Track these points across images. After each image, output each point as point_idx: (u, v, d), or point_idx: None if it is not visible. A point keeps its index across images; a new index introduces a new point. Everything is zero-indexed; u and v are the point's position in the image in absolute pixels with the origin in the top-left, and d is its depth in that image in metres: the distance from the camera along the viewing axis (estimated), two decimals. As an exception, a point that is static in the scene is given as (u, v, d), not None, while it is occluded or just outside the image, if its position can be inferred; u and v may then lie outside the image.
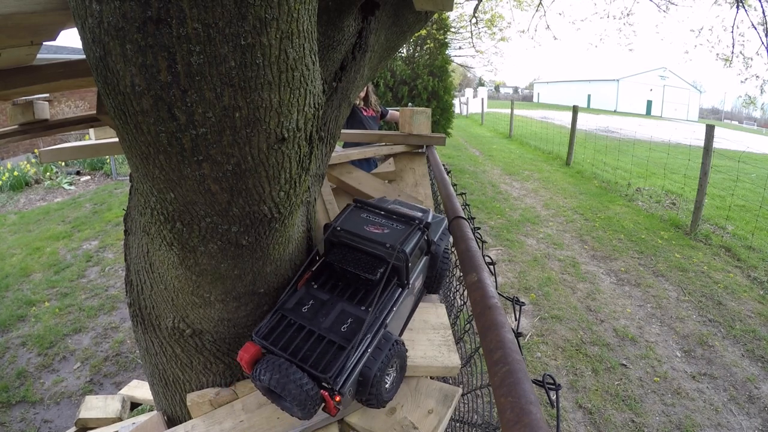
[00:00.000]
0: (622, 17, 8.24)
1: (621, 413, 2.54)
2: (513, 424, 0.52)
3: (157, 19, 0.50)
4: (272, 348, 0.80)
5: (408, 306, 0.99)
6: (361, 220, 1.00)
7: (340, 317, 0.86)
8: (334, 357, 0.78)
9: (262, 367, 0.77)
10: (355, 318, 0.85)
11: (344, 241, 0.95)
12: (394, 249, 0.90)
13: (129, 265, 1.05)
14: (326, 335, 0.81)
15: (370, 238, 0.93)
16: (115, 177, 7.97)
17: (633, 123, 20.86)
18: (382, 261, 0.91)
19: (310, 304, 0.88)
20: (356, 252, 0.94)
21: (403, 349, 0.88)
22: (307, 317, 0.85)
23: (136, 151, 0.63)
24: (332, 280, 0.94)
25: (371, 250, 0.92)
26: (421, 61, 8.99)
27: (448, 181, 1.72)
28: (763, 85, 6.92)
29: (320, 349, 0.80)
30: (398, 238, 0.93)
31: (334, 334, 0.82)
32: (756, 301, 3.86)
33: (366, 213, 1.03)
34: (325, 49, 1.05)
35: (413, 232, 0.95)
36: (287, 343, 0.81)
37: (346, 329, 0.83)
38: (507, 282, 4.11)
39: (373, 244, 0.92)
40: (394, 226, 0.98)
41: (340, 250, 0.95)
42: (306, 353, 0.79)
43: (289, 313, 0.86)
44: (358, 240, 0.94)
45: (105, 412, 1.79)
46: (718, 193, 7.34)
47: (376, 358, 0.81)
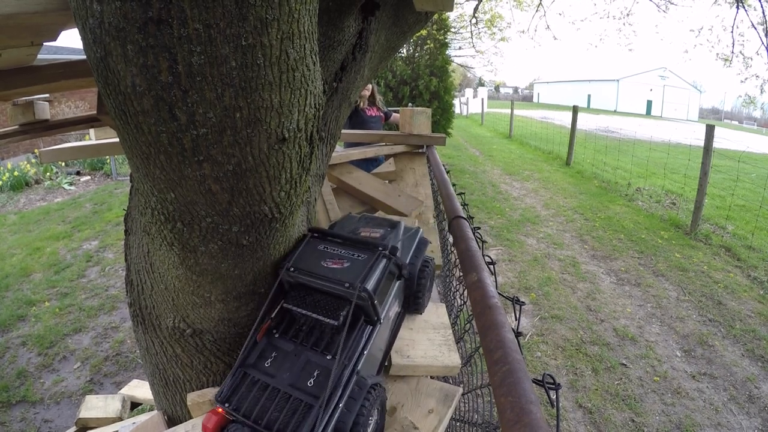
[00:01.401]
0: (622, 17, 8.25)
1: (621, 413, 2.54)
2: (513, 424, 0.52)
3: (158, 19, 0.50)
4: (236, 416, 0.74)
5: (384, 338, 0.92)
6: (318, 254, 0.88)
7: (306, 369, 0.78)
8: (302, 418, 0.71)
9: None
10: (321, 369, 0.77)
11: (300, 281, 0.85)
12: (354, 288, 0.79)
13: (129, 265, 1.05)
14: (291, 393, 0.74)
15: (327, 277, 0.83)
16: (116, 177, 7.97)
17: (633, 123, 20.86)
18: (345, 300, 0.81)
19: (273, 356, 0.80)
20: (315, 293, 0.84)
21: (381, 392, 0.80)
22: (270, 373, 0.78)
23: (137, 151, 0.64)
24: (295, 326, 0.85)
25: (330, 290, 0.82)
26: (421, 61, 9.00)
27: (448, 181, 1.72)
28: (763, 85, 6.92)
29: (287, 410, 0.73)
30: (359, 272, 0.82)
31: (300, 391, 0.74)
32: (756, 300, 3.87)
33: (324, 244, 0.91)
34: (326, 50, 1.05)
35: (376, 261, 0.85)
36: (251, 406, 0.74)
37: (312, 384, 0.75)
38: (507, 282, 4.11)
39: (331, 284, 0.82)
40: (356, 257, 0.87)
41: (297, 292, 0.85)
42: (272, 417, 0.72)
43: (251, 370, 0.79)
44: (314, 279, 0.83)
45: (105, 411, 1.79)
46: (718, 193, 7.34)
47: (351, 410, 0.73)
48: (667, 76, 44.39)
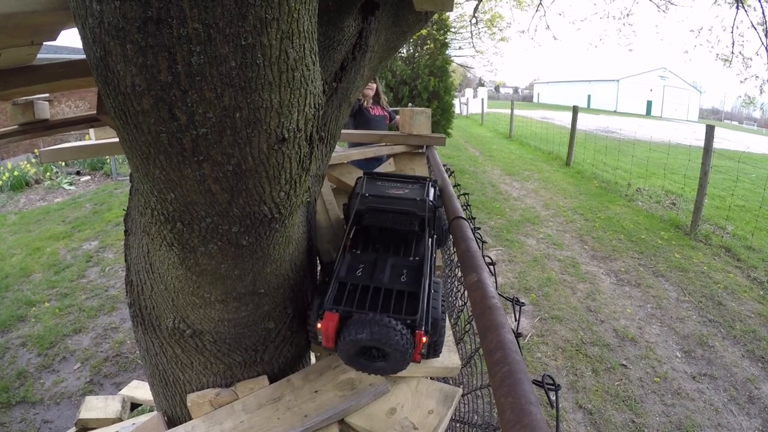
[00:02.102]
0: (622, 17, 8.26)
1: (621, 413, 2.54)
2: (513, 425, 0.52)
3: (158, 19, 0.50)
4: (353, 310, 0.81)
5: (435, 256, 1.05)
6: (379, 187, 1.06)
7: (394, 270, 0.91)
8: (409, 303, 0.83)
9: (355, 327, 0.78)
10: (408, 268, 0.91)
11: (373, 205, 1.00)
12: (423, 201, 0.98)
13: (129, 266, 1.05)
14: (393, 287, 0.86)
15: (400, 197, 1.00)
16: (115, 177, 7.97)
17: (633, 123, 20.85)
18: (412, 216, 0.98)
19: (361, 267, 0.92)
20: (387, 213, 1.00)
21: (444, 292, 0.95)
22: (365, 278, 0.89)
23: (137, 151, 0.63)
24: (371, 243, 0.98)
25: (402, 208, 0.99)
26: (421, 61, 9.00)
27: (448, 181, 1.72)
28: (763, 86, 6.92)
29: (394, 300, 0.84)
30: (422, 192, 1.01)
31: (399, 285, 0.87)
32: (756, 301, 3.86)
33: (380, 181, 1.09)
34: (326, 50, 1.05)
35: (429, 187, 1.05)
36: (361, 302, 0.83)
37: (405, 279, 0.88)
38: (507, 282, 4.11)
39: (404, 202, 0.99)
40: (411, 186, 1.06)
41: (371, 215, 1.00)
42: (385, 305, 0.82)
43: (347, 279, 0.89)
44: (387, 201, 0.99)
45: (105, 412, 1.79)
46: (718, 193, 7.34)
47: (437, 300, 0.87)
48: (667, 76, 44.39)
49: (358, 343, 0.78)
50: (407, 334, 0.78)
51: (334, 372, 1.03)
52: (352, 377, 1.01)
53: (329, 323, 0.81)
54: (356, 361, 0.84)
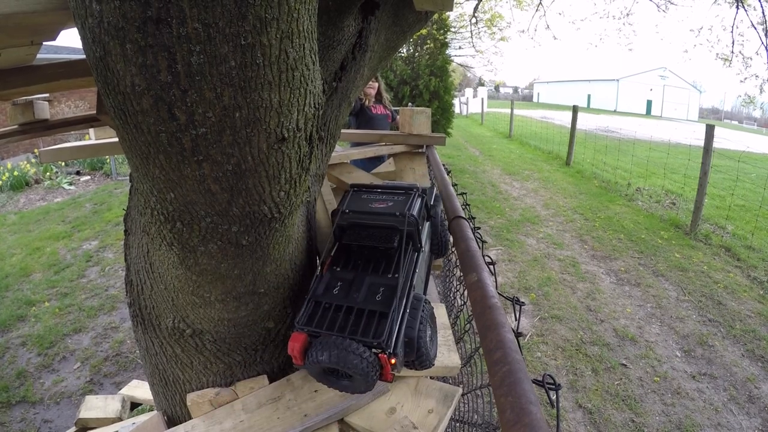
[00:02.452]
0: (622, 17, 8.25)
1: (621, 413, 2.54)
2: (513, 424, 0.52)
3: (157, 18, 0.50)
4: (320, 331, 0.83)
5: (424, 269, 1.05)
6: (364, 200, 1.05)
7: (371, 289, 0.90)
8: (379, 324, 0.83)
9: (318, 349, 0.79)
10: (385, 286, 0.90)
11: (354, 221, 1.00)
12: (404, 215, 0.97)
13: (129, 265, 1.05)
14: (365, 307, 0.86)
15: (379, 212, 0.99)
16: (115, 177, 7.97)
17: (633, 123, 20.85)
18: (393, 231, 0.98)
19: (339, 285, 0.92)
20: (368, 228, 0.99)
21: (431, 308, 0.93)
22: (340, 297, 0.89)
23: (136, 151, 0.63)
24: (352, 260, 0.98)
25: (382, 223, 0.98)
26: (422, 61, 8.99)
27: (448, 180, 1.72)
28: (763, 85, 6.91)
29: (364, 321, 0.84)
30: (404, 206, 1.00)
31: (372, 304, 0.86)
32: (756, 300, 3.86)
33: (365, 194, 1.08)
34: (325, 49, 1.05)
35: (414, 198, 1.03)
36: (331, 323, 0.84)
37: (380, 298, 0.88)
38: (507, 282, 4.11)
39: (384, 217, 0.99)
40: (396, 198, 1.05)
41: (352, 231, 1.00)
42: (353, 327, 0.83)
43: (323, 298, 0.89)
44: (367, 216, 0.99)
45: (105, 412, 1.79)
46: (718, 193, 7.34)
47: (414, 318, 0.86)
48: (667, 75, 44.38)
49: (320, 364, 0.80)
50: (370, 356, 0.78)
51: (334, 371, 1.03)
52: (352, 377, 1.01)
53: (295, 344, 0.82)
54: (325, 378, 0.86)
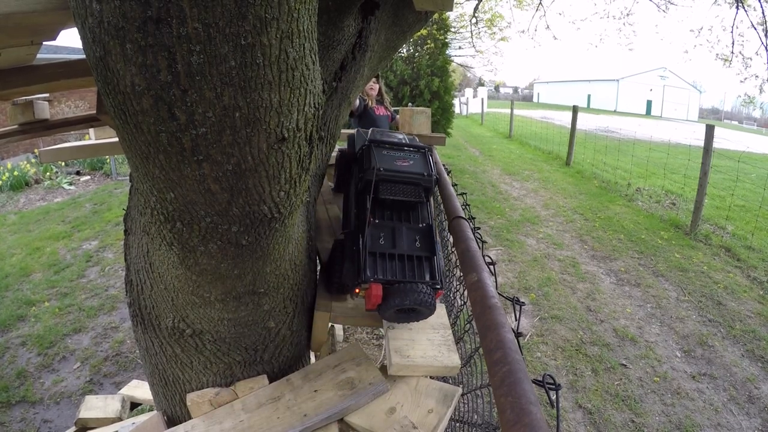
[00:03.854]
0: (622, 17, 8.24)
1: (621, 413, 2.54)
2: (513, 424, 0.52)
3: (158, 18, 0.50)
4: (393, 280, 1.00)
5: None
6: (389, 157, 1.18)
7: (408, 237, 1.09)
8: (429, 266, 1.05)
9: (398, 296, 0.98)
10: (419, 233, 1.10)
11: (387, 177, 1.12)
12: (429, 175, 1.14)
13: (129, 265, 1.05)
14: (413, 253, 1.05)
15: (408, 171, 1.14)
16: (115, 177, 7.97)
17: (633, 123, 20.84)
18: (419, 186, 1.14)
19: (382, 236, 1.07)
20: (397, 184, 1.13)
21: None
22: (388, 246, 1.06)
23: (136, 150, 0.63)
24: (383, 212, 1.13)
25: (411, 181, 1.14)
26: (422, 61, 8.99)
27: (448, 181, 1.72)
28: (763, 85, 6.91)
29: (416, 265, 1.04)
30: (425, 166, 1.16)
31: (417, 251, 1.07)
32: (756, 301, 3.86)
33: (385, 150, 1.20)
34: (325, 49, 1.05)
35: (427, 157, 1.20)
36: (394, 271, 1.02)
37: (419, 244, 1.08)
38: (507, 282, 4.11)
39: (411, 175, 1.13)
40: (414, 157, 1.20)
41: (385, 186, 1.12)
42: (415, 272, 1.03)
43: (375, 249, 1.05)
44: (398, 175, 1.13)
45: (105, 412, 1.79)
46: (718, 193, 7.34)
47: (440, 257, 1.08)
48: (667, 76, 44.37)
49: (401, 306, 0.99)
50: (431, 292, 1.00)
51: (333, 371, 1.03)
52: (352, 377, 1.01)
53: (377, 292, 0.99)
54: (396, 316, 1.04)
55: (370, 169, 1.11)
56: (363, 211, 1.12)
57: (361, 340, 3.14)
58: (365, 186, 1.13)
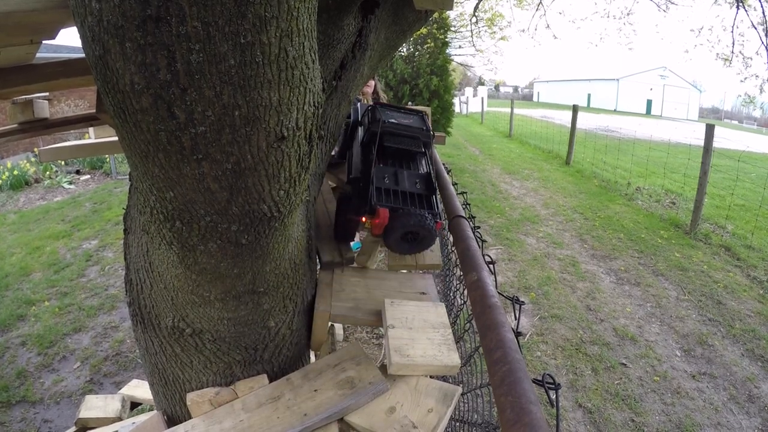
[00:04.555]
0: (622, 17, 8.22)
1: (621, 412, 2.54)
2: (513, 423, 0.52)
3: (157, 17, 0.50)
4: (398, 206, 1.13)
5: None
6: (391, 115, 1.33)
7: (410, 179, 1.23)
8: (428, 201, 1.19)
9: (403, 218, 1.11)
10: (419, 177, 1.25)
11: (391, 130, 1.27)
12: (428, 129, 1.33)
13: (128, 264, 1.05)
14: (414, 191, 1.20)
15: (411, 126, 1.31)
16: (115, 176, 7.96)
17: (633, 122, 20.83)
18: (416, 139, 1.30)
19: (385, 176, 1.21)
20: (399, 137, 1.28)
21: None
22: (392, 185, 1.20)
23: (136, 149, 0.63)
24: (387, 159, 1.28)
25: (411, 134, 1.30)
26: (422, 60, 8.98)
27: (448, 180, 1.72)
28: (763, 85, 6.90)
29: (418, 200, 1.18)
30: (422, 123, 1.35)
31: (417, 189, 1.21)
32: (756, 300, 3.87)
33: (388, 110, 1.37)
34: (325, 48, 1.04)
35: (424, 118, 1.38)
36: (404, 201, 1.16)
37: (419, 185, 1.23)
38: (507, 281, 4.11)
39: (415, 130, 1.30)
40: (413, 115, 1.38)
41: (389, 137, 1.27)
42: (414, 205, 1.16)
43: (381, 185, 1.18)
44: (402, 128, 1.29)
45: (105, 411, 1.79)
46: (718, 192, 7.34)
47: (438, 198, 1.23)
48: (667, 75, 44.34)
49: (406, 228, 1.10)
50: (432, 221, 1.13)
51: (333, 371, 1.03)
52: (352, 376, 1.01)
53: (384, 215, 1.10)
54: (398, 244, 1.17)
55: (376, 122, 1.26)
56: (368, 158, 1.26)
57: (361, 340, 3.14)
58: (371, 137, 1.27)
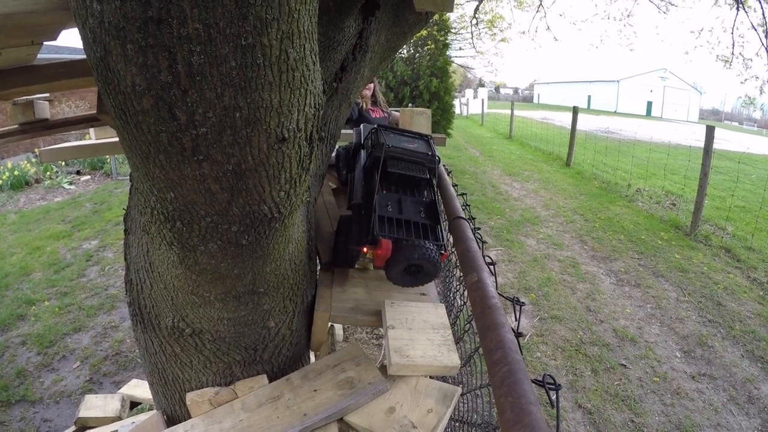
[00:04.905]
0: (623, 18, 8.25)
1: (621, 413, 2.54)
2: (513, 424, 0.52)
3: (158, 19, 0.50)
4: (402, 238, 1.08)
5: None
6: (395, 139, 1.28)
7: (414, 208, 1.17)
8: (433, 232, 1.13)
9: (406, 252, 1.05)
10: (423, 205, 1.19)
11: (394, 155, 1.22)
12: (433, 155, 1.26)
13: (129, 265, 1.05)
14: (417, 220, 1.14)
15: (416, 151, 1.25)
16: (115, 176, 7.97)
17: (633, 124, 20.84)
18: (421, 165, 1.24)
19: (388, 204, 1.16)
20: (404, 161, 1.23)
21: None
22: (396, 213, 1.14)
23: (137, 150, 0.64)
24: (390, 185, 1.22)
25: (416, 159, 1.24)
26: (422, 62, 8.99)
27: (448, 181, 1.72)
28: (763, 86, 6.91)
29: (422, 230, 1.12)
30: (428, 148, 1.29)
31: (422, 218, 1.15)
32: (756, 301, 3.86)
33: (392, 133, 1.31)
34: (326, 50, 1.05)
35: (430, 143, 1.32)
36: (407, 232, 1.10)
37: (423, 214, 1.17)
38: (507, 282, 4.11)
39: (419, 155, 1.24)
40: (417, 140, 1.32)
41: (393, 162, 1.21)
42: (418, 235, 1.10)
43: (384, 213, 1.12)
44: (406, 153, 1.23)
45: (104, 411, 1.79)
46: (718, 193, 7.34)
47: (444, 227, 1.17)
48: (668, 77, 44.34)
49: (409, 261, 1.05)
50: (437, 252, 1.06)
51: (333, 371, 1.03)
52: (351, 376, 1.01)
53: (387, 246, 1.05)
54: (401, 278, 1.11)
55: (380, 146, 1.21)
56: (371, 183, 1.21)
57: (361, 340, 3.14)
58: (374, 162, 1.22)
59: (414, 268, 1.09)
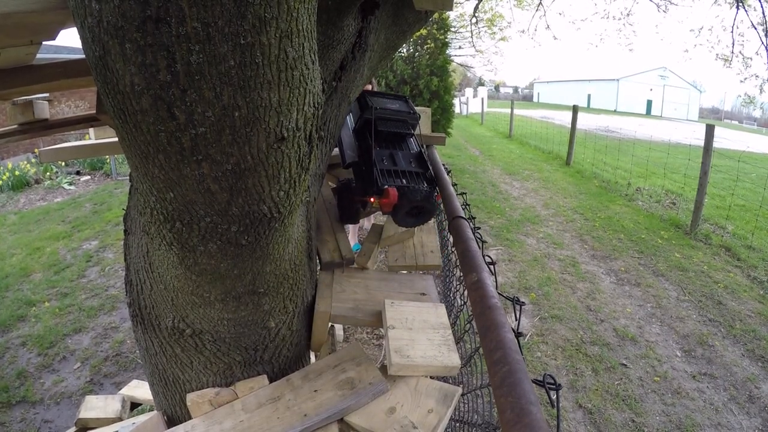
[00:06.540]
0: (622, 17, 8.22)
1: (621, 413, 2.54)
2: (513, 424, 0.52)
3: (157, 18, 0.50)
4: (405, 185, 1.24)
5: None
6: (380, 101, 1.44)
7: (405, 158, 1.36)
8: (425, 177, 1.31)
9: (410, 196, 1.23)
10: (412, 156, 1.39)
11: (382, 116, 1.40)
12: (414, 113, 1.48)
13: (129, 265, 1.05)
14: (411, 170, 1.32)
15: (398, 110, 1.44)
16: (115, 177, 7.97)
17: (633, 123, 20.83)
18: (405, 122, 1.45)
19: (384, 159, 1.33)
20: (390, 121, 1.42)
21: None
22: (391, 165, 1.31)
23: (136, 150, 0.63)
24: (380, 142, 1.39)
25: (400, 118, 1.44)
26: (422, 60, 8.98)
27: (448, 180, 1.72)
28: (763, 85, 6.89)
29: (415, 177, 1.30)
30: (408, 107, 1.49)
31: (413, 168, 1.33)
32: (756, 300, 3.86)
33: (376, 97, 1.48)
34: (325, 49, 1.04)
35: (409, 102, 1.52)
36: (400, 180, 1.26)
37: (413, 164, 1.36)
38: (507, 282, 4.11)
39: (402, 114, 1.45)
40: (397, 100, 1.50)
41: (382, 122, 1.39)
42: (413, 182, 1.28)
43: (383, 166, 1.29)
44: (391, 113, 1.42)
45: (105, 412, 1.79)
46: (718, 192, 7.34)
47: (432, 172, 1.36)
48: (667, 75, 44.33)
49: (413, 204, 1.23)
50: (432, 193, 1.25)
51: (333, 371, 1.03)
52: (352, 376, 1.01)
53: (394, 193, 1.20)
54: (404, 219, 1.28)
55: (369, 108, 1.38)
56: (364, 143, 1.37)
57: (361, 340, 3.14)
58: (365, 123, 1.38)
59: (416, 210, 1.26)
